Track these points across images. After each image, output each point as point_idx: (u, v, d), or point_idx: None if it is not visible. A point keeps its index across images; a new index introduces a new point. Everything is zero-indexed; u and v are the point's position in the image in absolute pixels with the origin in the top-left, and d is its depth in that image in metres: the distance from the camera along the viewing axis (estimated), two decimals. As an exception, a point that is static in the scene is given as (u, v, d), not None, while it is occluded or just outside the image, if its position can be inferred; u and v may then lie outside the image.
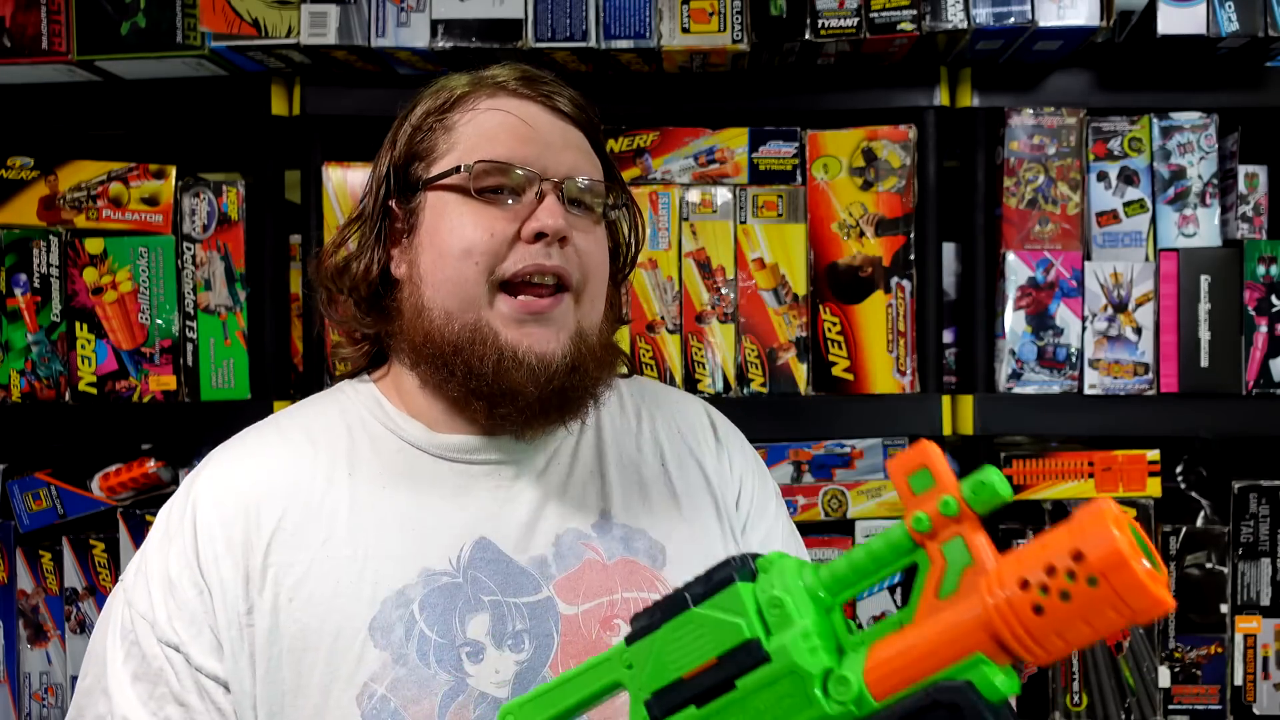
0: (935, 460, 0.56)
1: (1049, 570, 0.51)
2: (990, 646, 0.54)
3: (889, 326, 1.40)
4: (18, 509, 1.43)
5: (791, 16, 1.31)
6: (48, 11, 1.36)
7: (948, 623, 0.55)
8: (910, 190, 1.40)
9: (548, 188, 0.90)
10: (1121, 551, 0.49)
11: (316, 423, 0.95)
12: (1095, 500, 0.53)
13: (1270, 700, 1.39)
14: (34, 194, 1.42)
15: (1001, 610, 0.53)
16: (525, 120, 0.92)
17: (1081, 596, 0.50)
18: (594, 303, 0.94)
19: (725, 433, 1.06)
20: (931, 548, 0.56)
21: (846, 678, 0.57)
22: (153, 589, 0.87)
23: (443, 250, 0.90)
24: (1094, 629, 0.51)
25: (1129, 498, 1.39)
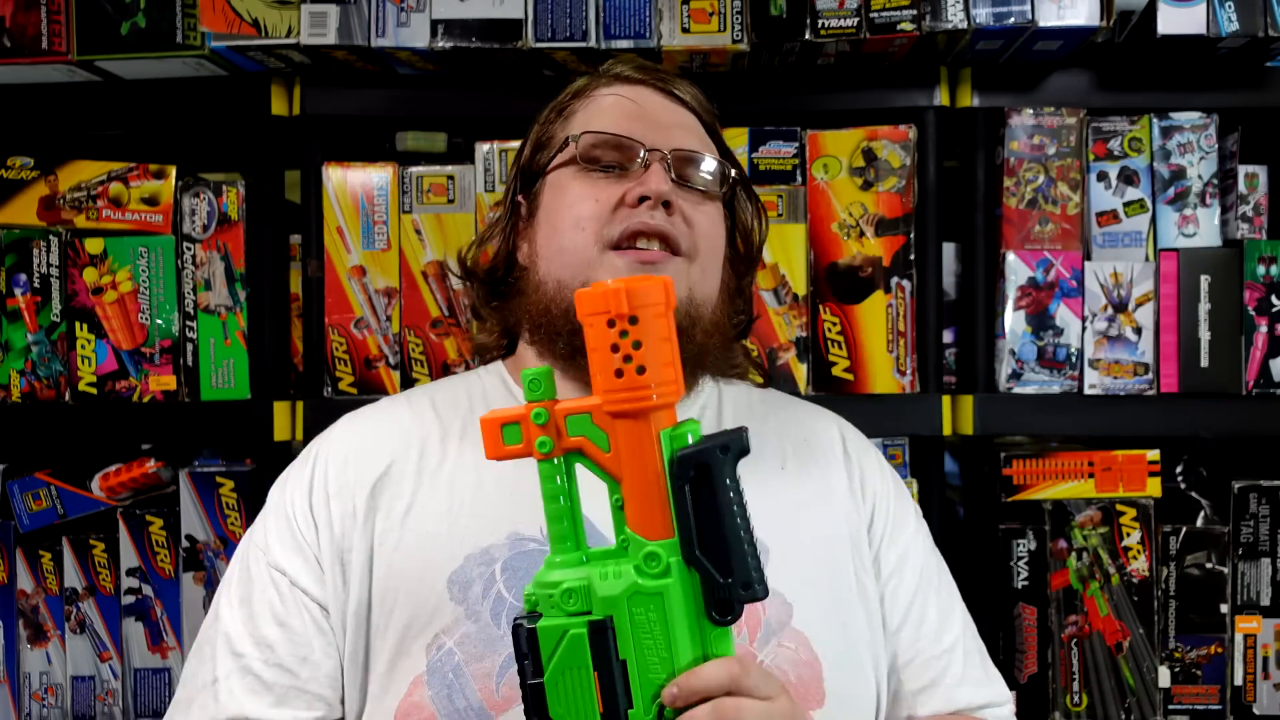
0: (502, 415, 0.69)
1: (614, 348, 0.65)
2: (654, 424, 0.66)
3: (889, 326, 1.40)
4: (18, 509, 1.43)
5: (791, 16, 1.31)
6: (48, 11, 1.36)
7: (624, 450, 0.67)
8: (910, 190, 1.40)
9: (653, 157, 0.93)
10: (620, 288, 0.64)
11: (442, 395, 1.02)
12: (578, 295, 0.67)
13: (1270, 700, 1.39)
14: (34, 194, 1.42)
15: (618, 397, 0.65)
16: (635, 100, 0.96)
17: (639, 332, 0.64)
18: (707, 273, 0.95)
19: (857, 449, 1.04)
20: (566, 444, 0.68)
21: (651, 553, 0.67)
22: (269, 521, 0.96)
23: (555, 223, 0.94)
24: (664, 337, 0.66)
25: (1129, 498, 1.39)
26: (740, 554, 0.66)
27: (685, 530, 0.66)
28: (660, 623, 0.67)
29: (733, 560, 0.66)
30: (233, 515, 1.40)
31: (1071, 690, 1.38)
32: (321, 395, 1.40)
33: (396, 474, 0.94)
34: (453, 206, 1.40)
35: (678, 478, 0.66)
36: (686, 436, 0.67)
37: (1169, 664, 1.39)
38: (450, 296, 1.40)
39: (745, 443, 0.67)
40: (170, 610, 1.41)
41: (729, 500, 0.66)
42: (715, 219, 0.98)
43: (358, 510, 0.92)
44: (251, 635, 0.90)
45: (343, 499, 0.93)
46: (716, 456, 0.66)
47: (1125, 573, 1.38)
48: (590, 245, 0.91)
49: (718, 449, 0.66)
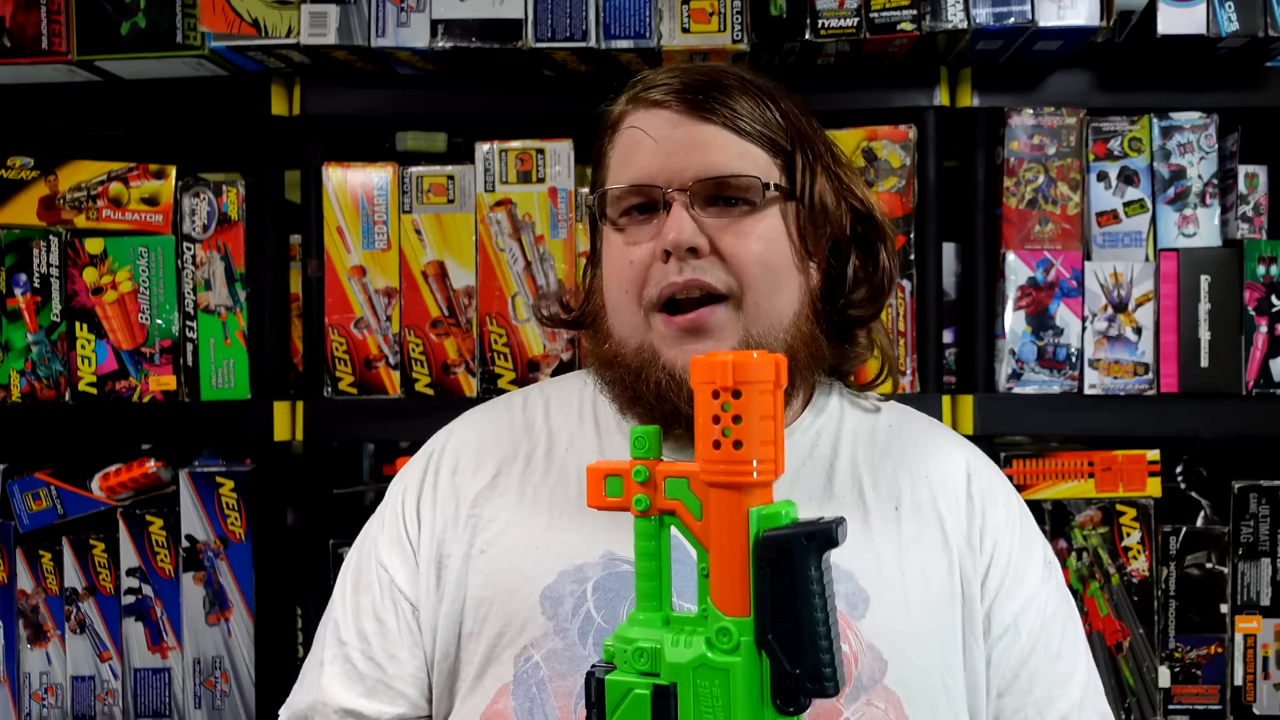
0: (607, 466, 0.69)
1: (715, 419, 0.64)
2: (746, 500, 0.65)
3: (889, 326, 1.40)
4: (18, 509, 1.43)
5: (791, 16, 1.31)
6: (48, 11, 1.36)
7: (714, 521, 0.66)
8: (910, 190, 1.40)
9: (673, 197, 0.88)
10: (728, 361, 0.63)
11: (559, 397, 1.02)
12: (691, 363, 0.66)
13: (1270, 700, 1.39)
14: (34, 194, 1.42)
15: (714, 469, 0.64)
16: (652, 134, 0.90)
17: (740, 407, 0.63)
18: (764, 305, 0.89)
19: (982, 489, 0.95)
20: (662, 504, 0.67)
21: (724, 628, 0.65)
22: (385, 517, 0.98)
23: (608, 281, 0.94)
24: (767, 415, 0.64)
25: (1129, 498, 1.39)
26: (813, 645, 0.64)
27: (761, 612, 0.65)
28: (723, 699, 0.66)
29: (804, 650, 0.64)
30: (233, 515, 1.40)
31: (1071, 690, 1.38)
32: (321, 395, 1.40)
33: (502, 485, 0.95)
34: (453, 206, 1.40)
35: (760, 558, 0.65)
36: (779, 515, 0.66)
37: (1169, 664, 1.39)
38: (450, 296, 1.40)
39: (835, 535, 0.65)
40: (170, 610, 1.41)
41: (808, 589, 0.64)
42: (764, 232, 0.90)
43: (460, 517, 0.94)
44: (355, 625, 0.94)
45: (448, 504, 0.95)
46: (801, 544, 0.64)
47: (1125, 573, 1.38)
48: (635, 309, 0.90)
49: (803, 536, 0.64)
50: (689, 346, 0.86)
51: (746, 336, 0.88)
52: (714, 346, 0.86)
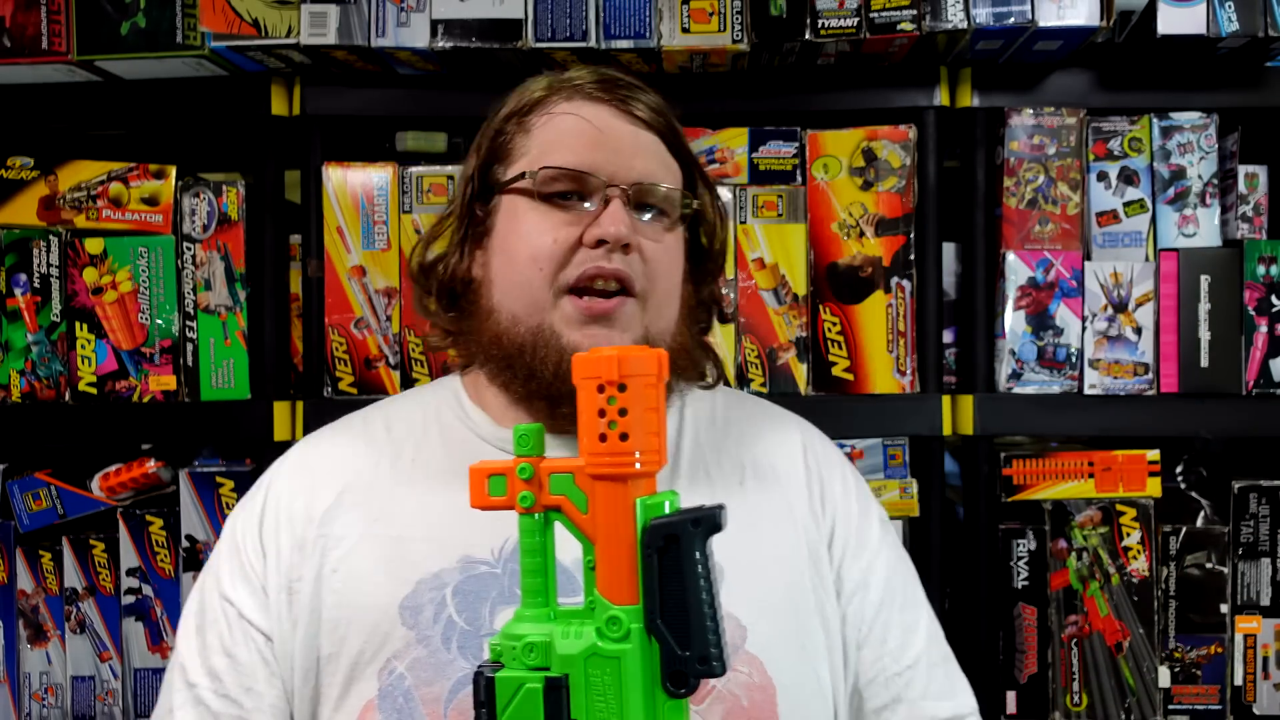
0: (490, 466, 0.70)
1: (600, 413, 0.66)
2: (632, 491, 0.67)
3: (889, 326, 1.40)
4: (18, 509, 1.43)
5: (791, 16, 1.31)
6: (48, 11, 1.36)
7: (600, 513, 0.67)
8: (910, 190, 1.40)
9: (614, 194, 0.91)
10: (614, 356, 0.65)
11: (398, 413, 1.02)
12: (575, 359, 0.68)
13: (1270, 700, 1.39)
14: (34, 194, 1.42)
15: (600, 461, 0.66)
16: (597, 125, 0.92)
17: (626, 400, 0.65)
18: (662, 308, 0.93)
19: (818, 459, 1.02)
20: (546, 500, 0.69)
21: (613, 617, 0.67)
22: (222, 549, 0.96)
23: (511, 255, 0.92)
24: (651, 407, 0.66)
25: (1129, 498, 1.39)
26: (701, 628, 0.67)
27: (649, 598, 0.67)
28: (615, 686, 0.67)
29: (693, 634, 0.67)
30: (233, 515, 1.40)
31: (1071, 690, 1.38)
32: (321, 395, 1.40)
33: (349, 502, 0.94)
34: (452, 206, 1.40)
35: (647, 546, 0.67)
36: (663, 506, 0.69)
37: (1169, 664, 1.39)
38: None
39: (719, 520, 0.68)
40: (170, 610, 1.41)
41: (695, 574, 0.67)
42: (673, 248, 0.95)
43: (307, 541, 0.92)
44: (204, 665, 0.92)
45: (293, 529, 0.93)
46: (687, 530, 0.67)
47: (1125, 573, 1.38)
48: (545, 286, 0.90)
49: (689, 522, 0.67)
50: (593, 330, 0.89)
51: (646, 333, 0.91)
52: (617, 336, 0.89)
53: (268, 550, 0.93)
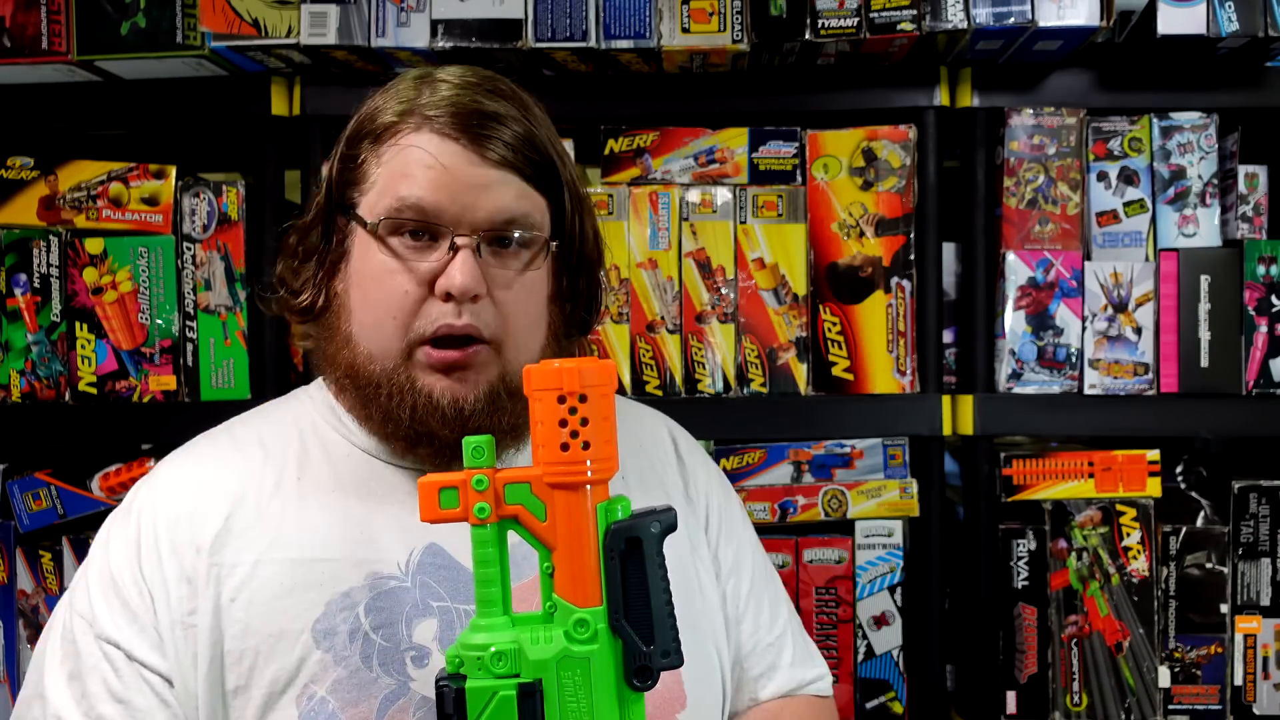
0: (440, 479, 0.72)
1: (562, 423, 0.69)
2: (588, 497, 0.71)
3: (889, 326, 1.40)
4: (18, 509, 1.43)
5: (791, 16, 1.31)
6: (48, 11, 1.36)
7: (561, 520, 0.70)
8: (910, 190, 1.40)
9: (461, 242, 0.87)
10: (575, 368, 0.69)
11: (269, 429, 0.97)
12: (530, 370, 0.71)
13: (1270, 700, 1.39)
14: (34, 194, 1.42)
15: (561, 470, 0.70)
16: (444, 164, 0.88)
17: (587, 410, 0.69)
18: (520, 349, 0.91)
19: (687, 449, 1.07)
20: (503, 511, 0.71)
21: (580, 620, 0.70)
22: (92, 589, 0.88)
23: (367, 296, 0.90)
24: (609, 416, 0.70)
25: (1129, 498, 1.39)
26: (663, 624, 0.71)
27: (614, 599, 0.71)
28: (585, 686, 0.70)
29: (655, 630, 0.71)
30: (233, 515, 1.40)
31: (1071, 690, 1.38)
32: (321, 395, 1.40)
33: (238, 527, 0.89)
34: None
35: (610, 549, 0.71)
36: (618, 510, 0.72)
37: (1169, 664, 1.39)
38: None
39: (674, 520, 0.72)
40: (170, 610, 1.41)
41: (656, 573, 0.71)
42: (531, 286, 0.92)
43: (198, 572, 0.87)
44: (86, 716, 0.84)
45: (178, 560, 0.87)
46: (649, 532, 0.71)
47: (1125, 573, 1.38)
48: (399, 337, 0.88)
49: (650, 525, 0.71)
50: (448, 380, 0.88)
51: (503, 374, 0.90)
52: (471, 383, 0.88)
53: (153, 586, 0.87)
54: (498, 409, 0.89)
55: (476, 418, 0.88)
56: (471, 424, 0.88)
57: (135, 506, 0.91)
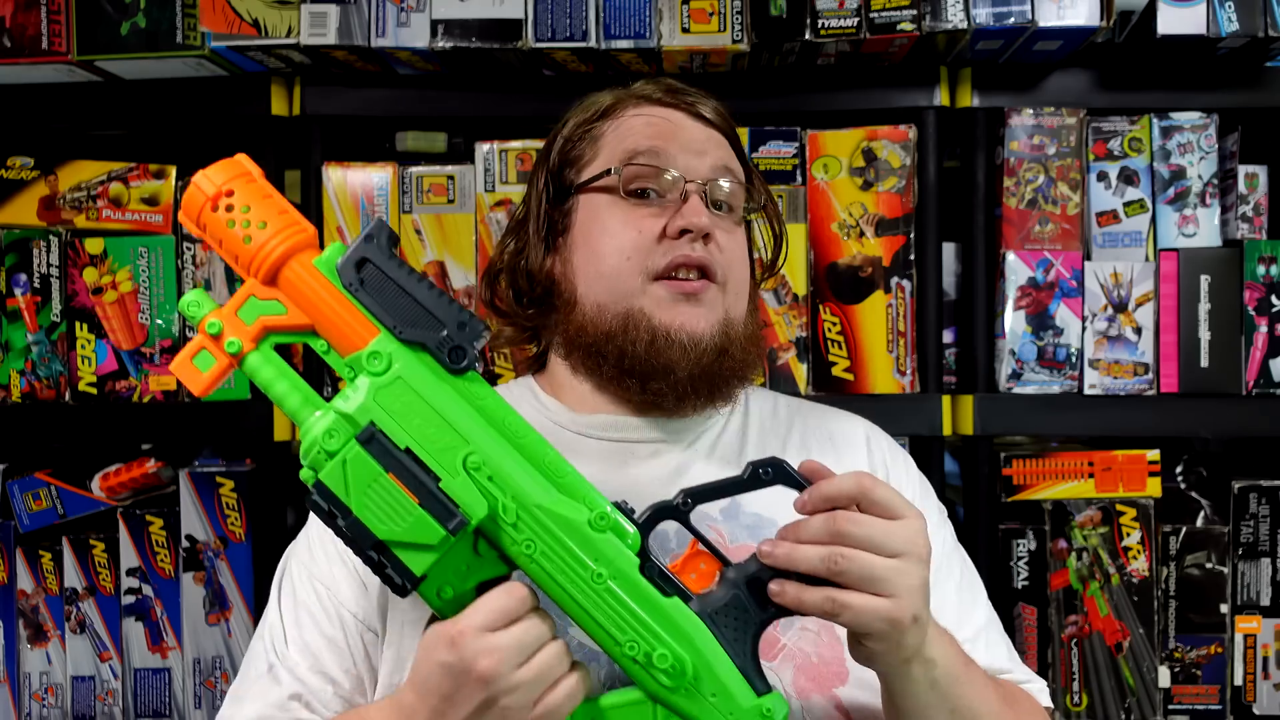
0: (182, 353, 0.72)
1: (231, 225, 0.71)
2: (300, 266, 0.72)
3: (889, 326, 1.40)
4: (18, 509, 1.43)
5: (791, 16, 1.31)
6: (48, 11, 1.36)
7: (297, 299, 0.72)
8: (910, 190, 1.40)
9: (693, 188, 0.96)
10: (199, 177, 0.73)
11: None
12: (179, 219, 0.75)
13: (1270, 700, 1.39)
14: (34, 194, 1.42)
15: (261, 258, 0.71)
16: (672, 121, 0.99)
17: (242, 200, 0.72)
18: (738, 296, 0.99)
19: (882, 448, 1.05)
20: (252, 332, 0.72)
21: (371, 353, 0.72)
22: (312, 532, 0.97)
23: (596, 249, 0.96)
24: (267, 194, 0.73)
25: (1129, 498, 1.39)
26: (439, 306, 0.71)
27: (383, 319, 0.71)
28: (416, 399, 0.71)
29: (437, 315, 0.71)
30: (233, 515, 1.40)
31: (1071, 690, 1.38)
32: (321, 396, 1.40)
33: None
34: (453, 207, 1.40)
35: (349, 284, 0.71)
36: (335, 250, 0.72)
37: (1169, 664, 1.39)
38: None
39: (389, 228, 0.73)
40: (170, 610, 1.41)
41: (400, 273, 0.71)
42: (743, 243, 1.02)
43: None
44: (297, 642, 0.92)
45: None
46: (368, 246, 0.71)
47: (1125, 573, 1.38)
48: (635, 274, 0.94)
49: (364, 241, 0.71)
50: (683, 309, 0.94)
51: (725, 315, 0.96)
52: (704, 314, 0.94)
53: None
54: (724, 350, 0.94)
55: (709, 353, 0.93)
56: (705, 358, 0.93)
57: None
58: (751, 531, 0.93)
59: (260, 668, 0.93)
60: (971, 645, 0.98)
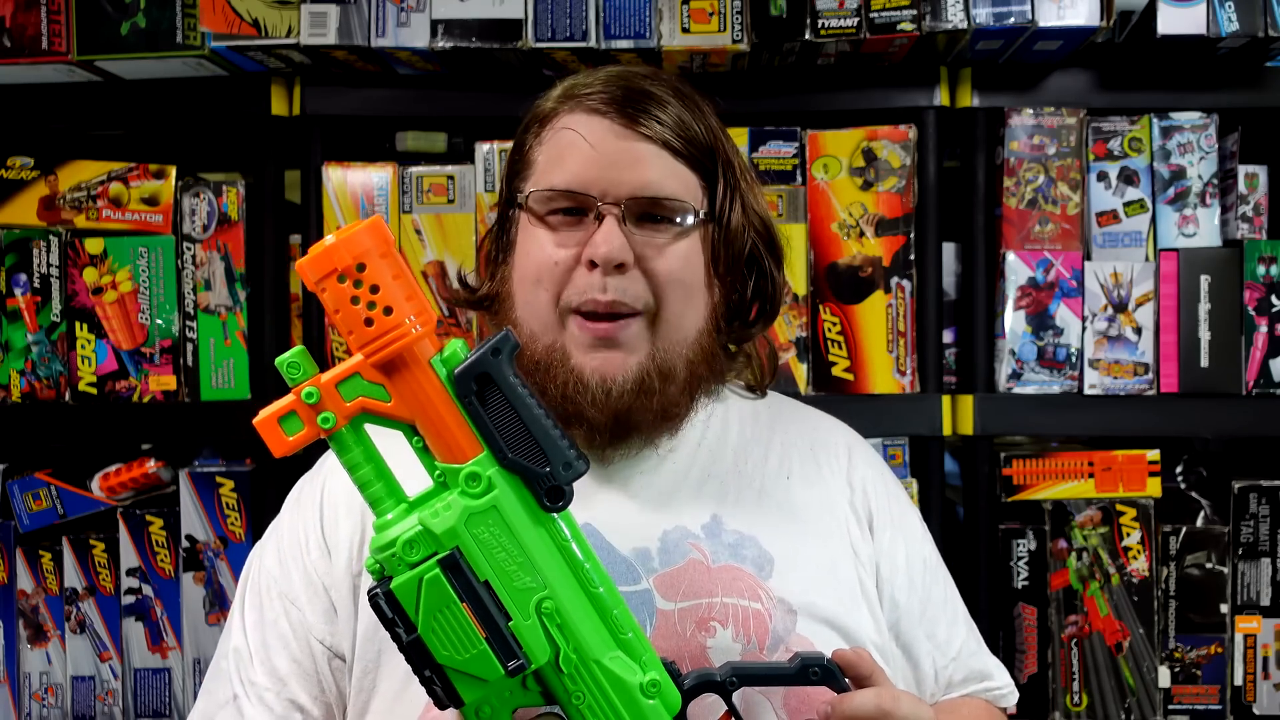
0: (272, 411, 0.70)
1: (354, 300, 0.67)
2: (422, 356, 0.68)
3: (889, 326, 1.40)
4: (18, 509, 1.43)
5: (791, 16, 1.31)
6: (48, 11, 1.36)
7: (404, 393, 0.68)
8: (910, 190, 1.40)
9: (607, 210, 0.89)
10: (334, 242, 0.67)
11: None
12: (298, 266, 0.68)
13: (1270, 700, 1.39)
14: (34, 194, 1.42)
15: (377, 345, 0.67)
16: (590, 140, 0.91)
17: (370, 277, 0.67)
18: (676, 322, 0.91)
19: (862, 459, 1.03)
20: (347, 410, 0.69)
21: (470, 474, 0.68)
22: (283, 544, 0.95)
23: (522, 274, 0.93)
24: (398, 274, 0.68)
25: (1129, 498, 1.39)
26: (548, 440, 0.68)
27: (490, 440, 0.68)
28: (505, 533, 0.68)
29: (545, 449, 0.68)
30: (233, 515, 1.40)
31: (1071, 690, 1.38)
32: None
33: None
34: (453, 206, 1.40)
35: (463, 394, 0.68)
36: (455, 353, 0.69)
37: (1169, 664, 1.39)
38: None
39: (514, 340, 0.69)
40: (170, 610, 1.41)
41: (518, 396, 0.68)
42: (685, 254, 0.92)
43: (367, 534, 0.91)
44: (264, 664, 0.91)
45: (352, 520, 0.93)
46: (490, 361, 0.67)
47: (1125, 573, 1.38)
48: (550, 308, 0.90)
49: (488, 353, 0.68)
50: (600, 354, 0.89)
51: (654, 351, 0.90)
52: (621, 358, 0.89)
53: (331, 545, 0.93)
54: (646, 391, 0.89)
55: (625, 398, 0.88)
56: (620, 405, 0.88)
57: (324, 470, 0.98)
58: (733, 550, 0.91)
59: (225, 693, 0.91)
60: (956, 664, 1.00)
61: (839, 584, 0.95)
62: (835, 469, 1.01)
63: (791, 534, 0.94)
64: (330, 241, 0.67)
